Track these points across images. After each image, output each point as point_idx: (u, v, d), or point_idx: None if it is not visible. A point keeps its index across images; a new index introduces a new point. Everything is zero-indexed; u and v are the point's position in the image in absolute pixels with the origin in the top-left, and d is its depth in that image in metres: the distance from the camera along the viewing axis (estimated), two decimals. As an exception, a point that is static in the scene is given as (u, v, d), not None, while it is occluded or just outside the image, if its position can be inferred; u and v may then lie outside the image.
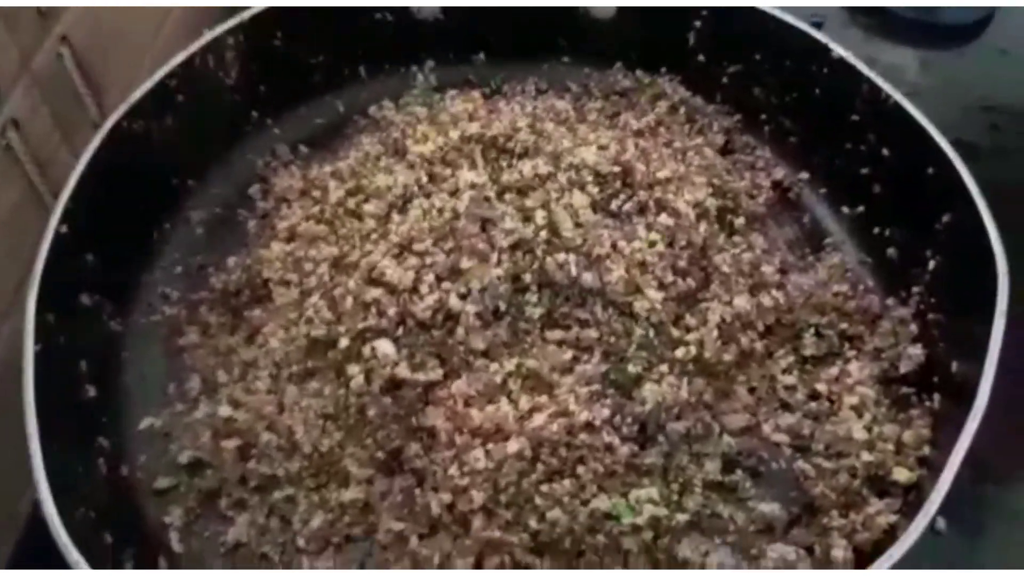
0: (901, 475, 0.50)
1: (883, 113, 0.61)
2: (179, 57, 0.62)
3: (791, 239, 0.65)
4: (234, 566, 0.50)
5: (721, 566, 0.50)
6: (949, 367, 0.52)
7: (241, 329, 0.58)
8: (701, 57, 0.71)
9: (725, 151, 0.69)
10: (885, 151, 0.62)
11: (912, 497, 0.49)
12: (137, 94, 0.60)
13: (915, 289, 0.58)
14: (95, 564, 0.42)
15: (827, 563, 0.48)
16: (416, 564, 0.48)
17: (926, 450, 0.50)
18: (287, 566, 0.50)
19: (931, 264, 0.57)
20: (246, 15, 0.66)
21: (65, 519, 0.42)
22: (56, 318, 0.51)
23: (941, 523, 0.58)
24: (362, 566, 0.50)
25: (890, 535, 0.48)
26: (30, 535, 0.56)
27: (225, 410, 0.54)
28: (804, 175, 0.68)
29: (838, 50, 0.63)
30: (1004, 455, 0.63)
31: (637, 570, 0.48)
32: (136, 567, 0.47)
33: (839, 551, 0.47)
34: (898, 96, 0.60)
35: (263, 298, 0.59)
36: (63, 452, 0.47)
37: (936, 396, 0.52)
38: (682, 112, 0.71)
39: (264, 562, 0.51)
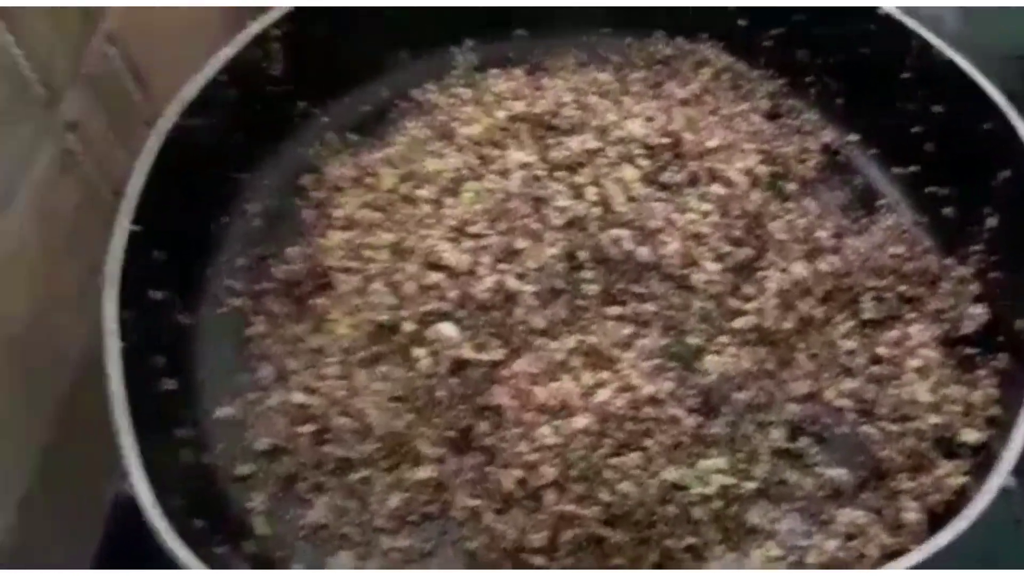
0: (970, 436, 0.50)
1: (934, 69, 0.60)
2: (227, 52, 0.63)
3: (843, 203, 0.64)
4: (316, 547, 0.52)
5: (791, 532, 0.51)
6: (1013, 325, 0.52)
7: (307, 317, 0.60)
8: (742, 21, 0.70)
9: (772, 116, 0.69)
10: (937, 108, 0.61)
11: (982, 457, 0.49)
12: (191, 91, 0.61)
13: (974, 248, 0.57)
14: (192, 549, 0.44)
15: (898, 526, 0.48)
16: (493, 539, 0.50)
17: (995, 410, 0.50)
18: (367, 545, 0.52)
19: (989, 222, 0.56)
20: (289, 6, 0.66)
21: (162, 507, 0.45)
22: (132, 315, 0.53)
23: (1011, 481, 0.58)
24: (438, 543, 0.52)
25: (961, 496, 0.48)
26: (115, 528, 0.59)
27: (298, 396, 0.56)
28: (853, 137, 0.67)
29: (885, 7, 0.62)
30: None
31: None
32: (225, 550, 0.49)
33: (911, 513, 0.48)
34: (950, 51, 0.59)
35: (325, 286, 0.60)
36: (149, 444, 0.49)
37: (1002, 355, 0.52)
38: (726, 78, 0.70)
39: (344, 542, 0.52)
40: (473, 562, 0.50)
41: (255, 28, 0.65)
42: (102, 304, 0.52)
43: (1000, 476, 0.43)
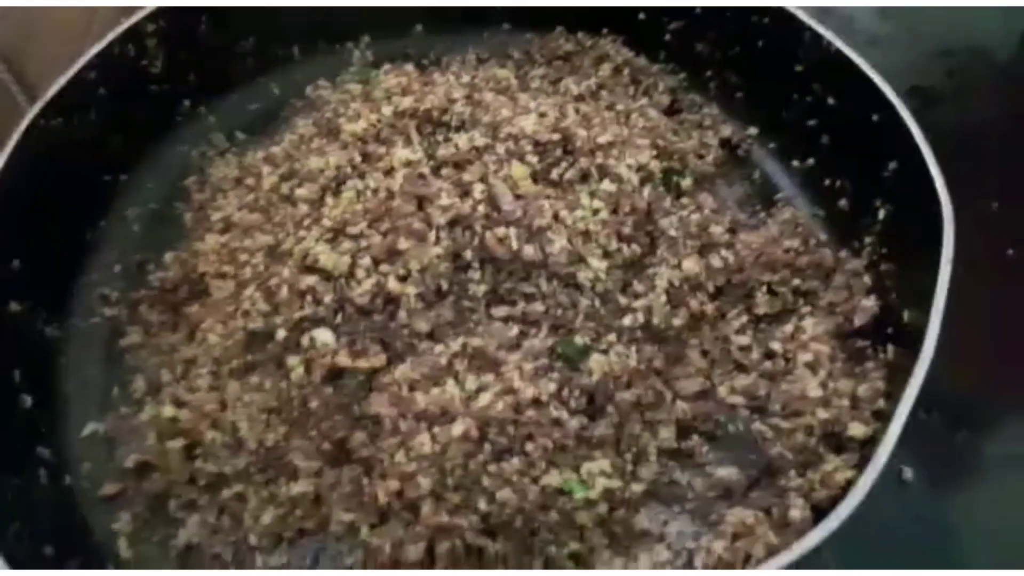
0: (857, 430, 0.49)
1: (826, 61, 0.59)
2: (96, 48, 0.60)
3: (741, 197, 0.64)
4: (186, 568, 0.49)
5: (680, 534, 0.49)
6: (901, 317, 0.51)
7: (182, 326, 0.57)
8: (642, 15, 0.69)
9: (671, 111, 0.68)
10: (831, 100, 0.60)
11: (868, 451, 0.48)
12: (53, 90, 0.58)
13: (867, 240, 0.57)
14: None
15: (785, 524, 0.47)
16: (368, 554, 0.47)
17: (881, 403, 0.50)
18: (240, 565, 0.49)
19: (880, 213, 0.56)
20: (165, 1, 0.63)
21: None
22: (-19, 329, 0.50)
23: (908, 473, 0.58)
24: (316, 560, 0.49)
25: (847, 491, 0.47)
26: None
27: (169, 410, 0.53)
28: (753, 131, 0.66)
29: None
30: (980, 400, 0.63)
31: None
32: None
33: (796, 511, 0.47)
34: (839, 43, 0.58)
35: (201, 293, 0.57)
36: (-2, 466, 0.46)
37: (890, 347, 0.52)
38: (626, 73, 0.69)
39: (216, 562, 0.50)
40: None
41: (127, 23, 0.62)
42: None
43: (876, 468, 0.41)
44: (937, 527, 0.59)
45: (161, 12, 0.63)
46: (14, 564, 0.41)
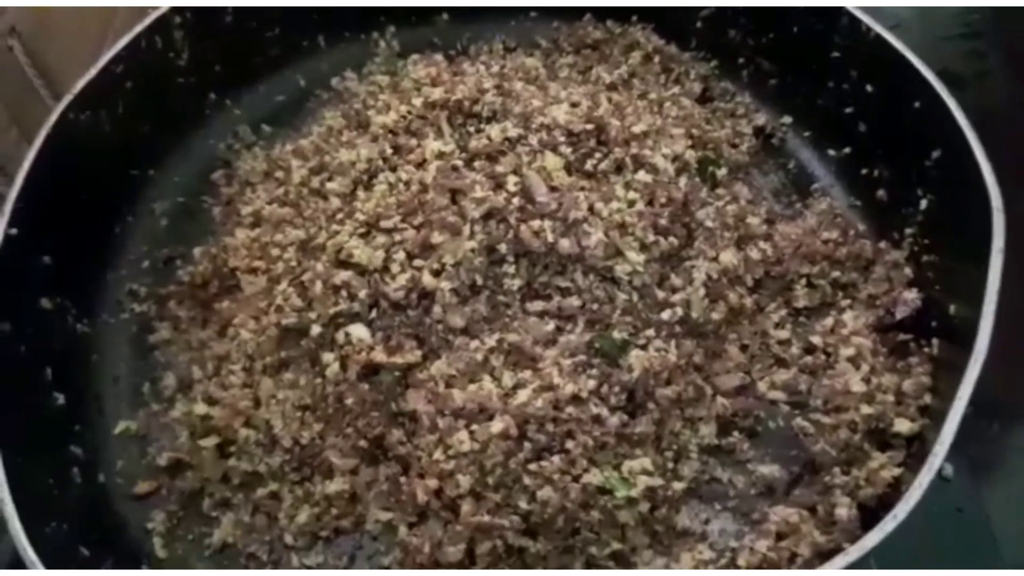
0: (903, 426, 0.48)
1: (864, 47, 0.58)
2: (123, 41, 0.59)
3: (777, 187, 0.63)
4: (221, 568, 0.49)
5: (723, 532, 0.49)
6: (947, 310, 0.50)
7: (212, 322, 0.56)
8: (672, 2, 0.68)
9: (703, 99, 0.67)
10: (869, 87, 0.59)
11: (915, 448, 0.47)
12: (81, 83, 0.57)
13: (908, 231, 0.56)
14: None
15: (831, 522, 0.46)
16: (407, 553, 0.46)
17: (927, 398, 0.49)
18: (276, 564, 0.49)
19: (923, 203, 0.54)
20: (190, -7, 0.62)
21: (33, 536, 0.41)
22: (13, 326, 0.49)
23: (948, 469, 0.57)
24: (352, 559, 0.49)
25: (895, 488, 0.46)
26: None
27: (201, 407, 0.52)
28: (787, 119, 0.65)
29: (815, -19, 0.60)
30: (1008, 391, 0.62)
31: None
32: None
33: (843, 509, 0.46)
34: (879, 28, 0.57)
35: (232, 288, 0.56)
36: (30, 466, 0.45)
37: (935, 341, 0.50)
38: (657, 61, 0.68)
39: (252, 561, 0.49)
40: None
41: (153, 15, 0.61)
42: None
43: (932, 471, 0.40)
44: (975, 520, 0.58)
45: (187, 3, 0.62)
46: (50, 565, 0.40)
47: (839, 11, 0.59)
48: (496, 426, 0.46)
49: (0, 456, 0.43)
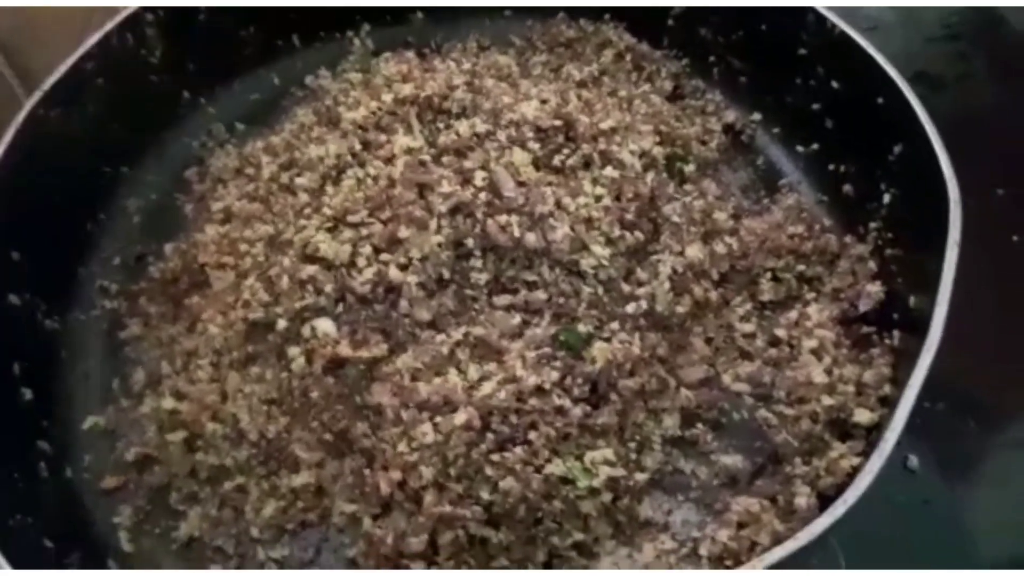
0: (863, 416, 0.49)
1: (830, 44, 0.59)
2: (93, 38, 0.59)
3: (745, 183, 0.63)
4: (187, 562, 0.49)
5: (685, 523, 0.49)
6: (907, 302, 0.50)
7: (182, 318, 0.56)
8: (644, 1, 0.68)
9: (674, 97, 0.67)
10: (835, 84, 0.60)
11: (874, 437, 0.48)
12: (51, 80, 0.57)
13: (872, 225, 0.56)
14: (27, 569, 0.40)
15: (791, 512, 0.47)
16: (371, 544, 0.47)
17: (887, 389, 0.49)
18: (242, 557, 0.49)
19: (886, 198, 0.55)
20: (163, -11, 0.63)
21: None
22: (-20, 321, 0.49)
23: (914, 461, 0.58)
24: (318, 551, 0.49)
25: (853, 477, 0.46)
26: None
27: (168, 403, 0.52)
28: (756, 116, 0.66)
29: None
30: (988, 390, 0.62)
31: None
32: (84, 567, 0.46)
33: (802, 499, 0.46)
34: (844, 26, 0.57)
35: (201, 284, 0.57)
36: (-2, 460, 0.45)
37: (896, 333, 0.51)
38: (629, 59, 0.68)
39: (218, 555, 0.49)
40: (354, 569, 0.48)
41: (125, 12, 0.61)
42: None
43: (882, 456, 0.41)
44: (944, 513, 0.58)
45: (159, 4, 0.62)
46: (14, 561, 0.40)
47: (806, 9, 0.59)
48: (459, 418, 0.46)
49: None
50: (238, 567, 0.49)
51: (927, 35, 0.83)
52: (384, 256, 0.52)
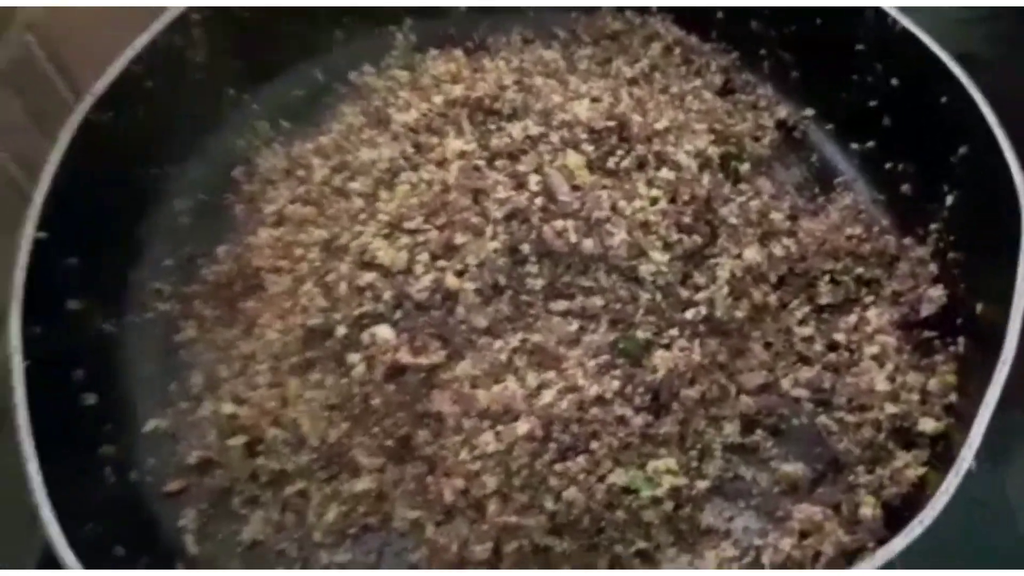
0: (928, 425, 0.48)
1: (890, 39, 0.57)
2: (142, 40, 0.59)
3: (800, 181, 0.62)
4: (252, 565, 0.50)
5: (746, 530, 0.49)
6: (973, 308, 0.50)
7: (238, 321, 0.57)
8: (693, -3, 0.67)
9: (724, 92, 0.66)
10: (894, 81, 0.58)
11: (940, 447, 0.47)
12: (102, 84, 0.57)
13: (933, 226, 0.55)
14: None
15: (855, 521, 0.46)
16: (434, 551, 0.47)
17: (952, 397, 0.49)
18: (305, 561, 0.50)
19: (949, 199, 0.54)
20: (210, -12, 0.62)
21: (71, 538, 0.42)
22: (43, 329, 0.50)
23: (972, 463, 0.57)
24: (380, 555, 0.50)
25: (919, 487, 0.46)
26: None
27: (228, 407, 0.53)
28: (809, 111, 0.65)
29: (839, -26, 0.59)
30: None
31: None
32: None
33: (867, 508, 0.46)
34: (905, 21, 0.56)
35: (256, 287, 0.57)
36: (66, 467, 0.46)
37: (960, 339, 0.50)
38: (677, 53, 0.67)
39: (282, 559, 0.50)
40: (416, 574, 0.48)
41: (172, 13, 0.61)
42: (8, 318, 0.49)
43: (959, 474, 0.41)
44: (999, 513, 0.58)
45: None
46: (89, 566, 0.41)
47: (864, 3, 0.58)
48: (521, 427, 0.46)
49: (36, 459, 0.44)
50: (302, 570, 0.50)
51: (961, 16, 0.81)
52: (441, 263, 0.51)
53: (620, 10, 0.70)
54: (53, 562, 0.50)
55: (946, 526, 0.56)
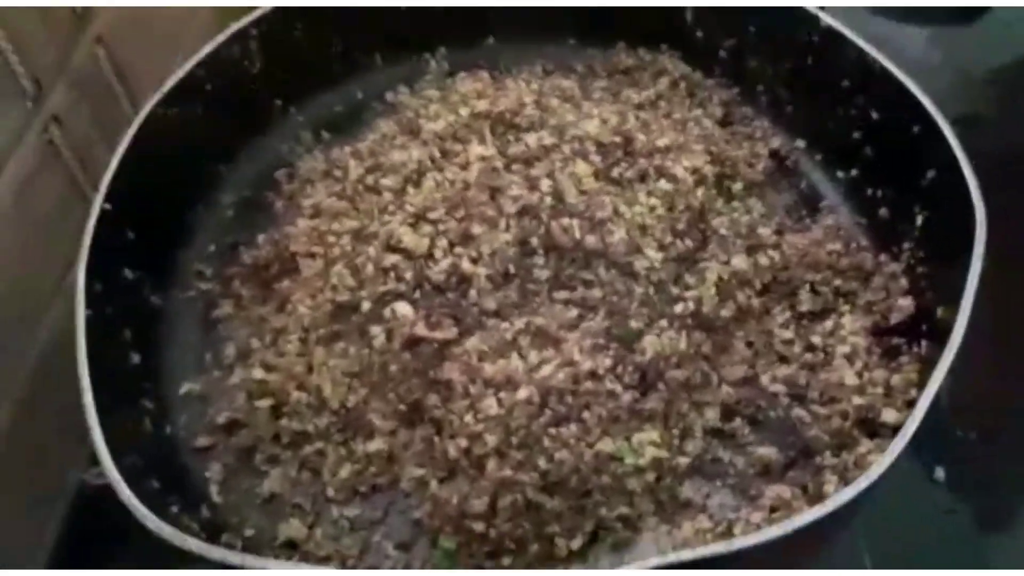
0: (890, 416, 0.53)
1: (871, 77, 0.64)
2: (207, 48, 0.67)
3: (788, 204, 0.68)
4: (269, 515, 0.55)
5: (722, 506, 0.53)
6: (934, 314, 0.55)
7: (272, 299, 0.63)
8: (699, 33, 0.74)
9: (724, 122, 0.72)
10: (874, 114, 0.64)
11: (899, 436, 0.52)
12: (170, 83, 0.64)
13: (905, 245, 0.61)
14: (146, 503, 0.46)
15: (820, 498, 0.50)
16: (437, 505, 0.52)
17: (913, 392, 0.53)
18: (318, 515, 0.55)
19: (919, 219, 0.60)
20: (268, 7, 0.70)
21: (117, 462, 0.47)
22: (103, 288, 0.56)
23: (940, 473, 0.61)
24: (386, 512, 0.54)
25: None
26: (77, 516, 0.61)
27: (258, 373, 0.58)
28: (800, 143, 0.71)
29: (827, 19, 0.66)
30: (1008, 415, 0.66)
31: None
32: (181, 512, 0.51)
33: (831, 487, 0.51)
34: (884, 60, 0.62)
35: (291, 270, 0.63)
36: (112, 409, 0.51)
37: (923, 342, 0.55)
38: (683, 87, 0.74)
39: (297, 511, 0.55)
40: (419, 530, 0.53)
41: (234, 27, 0.69)
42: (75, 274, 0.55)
43: (904, 438, 0.45)
44: (968, 522, 0.62)
45: (264, 17, 0.70)
46: (136, 494, 0.46)
47: (850, 45, 0.65)
48: (521, 394, 0.52)
49: (91, 394, 0.49)
50: (313, 523, 0.54)
51: (969, 80, 0.87)
52: (458, 250, 0.57)
53: (633, 48, 0.77)
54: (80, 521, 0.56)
55: (922, 533, 0.60)
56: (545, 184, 0.59)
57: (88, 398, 0.49)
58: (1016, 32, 0.90)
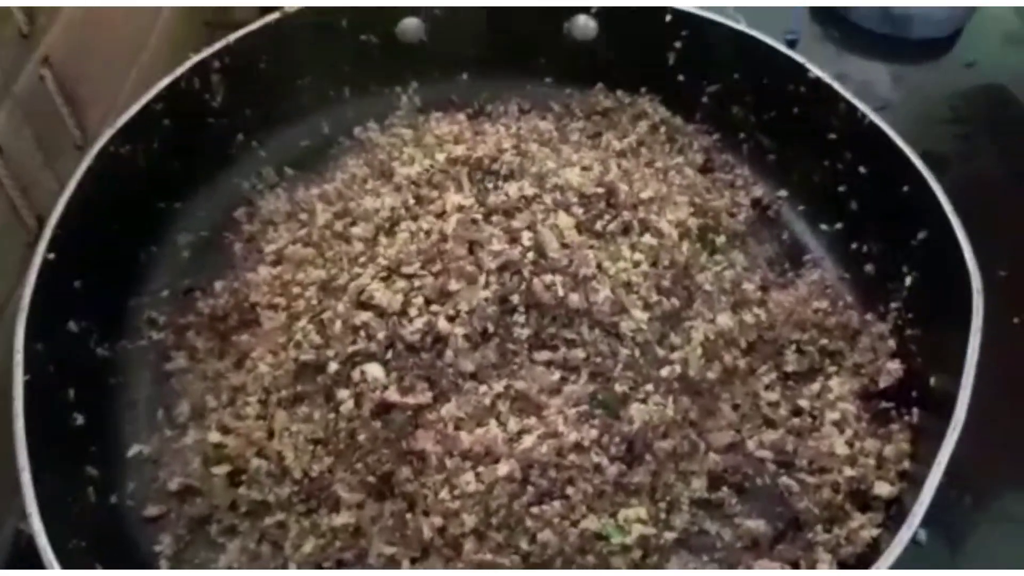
0: (883, 489, 0.51)
1: (859, 131, 0.62)
2: (165, 80, 0.63)
3: (771, 256, 0.66)
4: (225, 595, 0.51)
5: (709, 583, 0.51)
6: (927, 381, 0.53)
7: (229, 354, 0.58)
8: (681, 77, 0.73)
9: (704, 169, 0.71)
10: (862, 169, 0.63)
11: (894, 511, 0.50)
12: (124, 118, 0.60)
13: (893, 304, 0.59)
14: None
15: (814, 579, 0.49)
16: (408, 587, 0.48)
17: (906, 464, 0.52)
18: (278, 593, 0.51)
19: (908, 280, 0.58)
20: (231, 38, 0.66)
21: (57, 551, 0.42)
22: (45, 347, 0.52)
23: (922, 534, 0.60)
24: (354, 590, 0.51)
25: (873, 548, 0.49)
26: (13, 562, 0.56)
27: (214, 436, 0.54)
28: (783, 192, 0.69)
29: (815, 70, 0.65)
30: (982, 466, 0.65)
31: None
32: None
33: (824, 566, 0.49)
34: (874, 116, 0.61)
35: (251, 322, 0.59)
36: (53, 482, 0.47)
37: (915, 410, 0.54)
38: (662, 131, 0.72)
39: (255, 588, 0.51)
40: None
41: (195, 58, 0.65)
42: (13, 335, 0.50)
43: (910, 529, 0.43)
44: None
45: (228, 49, 0.66)
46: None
47: (838, 97, 0.63)
48: (502, 469, 0.48)
49: (29, 471, 0.45)
50: (274, 601, 0.50)
51: (934, 116, 0.88)
52: (434, 307, 0.54)
53: (612, 89, 0.75)
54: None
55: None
56: (526, 237, 0.56)
57: (26, 477, 0.44)
58: (979, 71, 0.90)
